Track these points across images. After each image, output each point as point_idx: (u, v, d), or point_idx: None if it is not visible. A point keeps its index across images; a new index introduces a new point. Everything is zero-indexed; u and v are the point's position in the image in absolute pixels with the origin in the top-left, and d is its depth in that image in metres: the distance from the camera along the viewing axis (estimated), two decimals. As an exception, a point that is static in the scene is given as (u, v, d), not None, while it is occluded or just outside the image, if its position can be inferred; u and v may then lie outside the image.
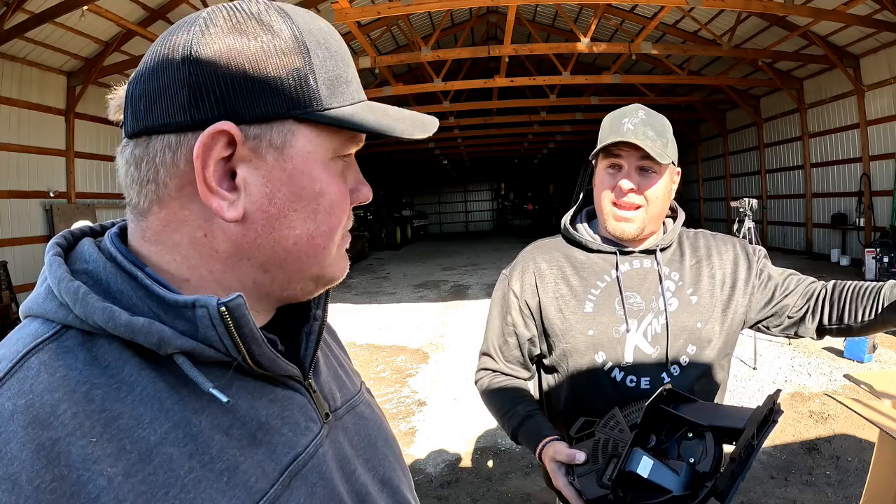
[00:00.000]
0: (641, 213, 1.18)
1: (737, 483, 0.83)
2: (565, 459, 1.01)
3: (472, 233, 30.25)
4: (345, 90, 0.50)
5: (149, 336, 0.43)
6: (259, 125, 0.46)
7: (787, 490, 3.00)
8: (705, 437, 0.90)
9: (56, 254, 0.49)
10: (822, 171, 11.95)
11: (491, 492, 3.20)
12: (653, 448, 0.91)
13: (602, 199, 1.21)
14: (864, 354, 4.97)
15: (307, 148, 0.48)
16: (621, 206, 1.18)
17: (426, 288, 11.00)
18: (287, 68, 0.47)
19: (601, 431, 1.00)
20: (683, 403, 0.97)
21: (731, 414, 0.94)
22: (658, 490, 0.85)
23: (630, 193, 1.16)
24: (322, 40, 0.49)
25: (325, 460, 0.54)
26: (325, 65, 0.49)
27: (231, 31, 0.46)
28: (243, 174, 0.47)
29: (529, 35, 12.24)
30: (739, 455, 0.85)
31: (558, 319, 1.24)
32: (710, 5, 7.91)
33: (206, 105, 0.45)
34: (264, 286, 0.52)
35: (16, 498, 0.36)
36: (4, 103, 7.96)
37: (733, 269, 1.26)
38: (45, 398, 0.40)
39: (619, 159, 1.17)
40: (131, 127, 0.47)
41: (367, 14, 8.14)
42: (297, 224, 0.49)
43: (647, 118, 1.17)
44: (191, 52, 0.45)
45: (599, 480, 0.92)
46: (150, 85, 0.46)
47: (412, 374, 5.48)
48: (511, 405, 1.25)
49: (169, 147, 0.46)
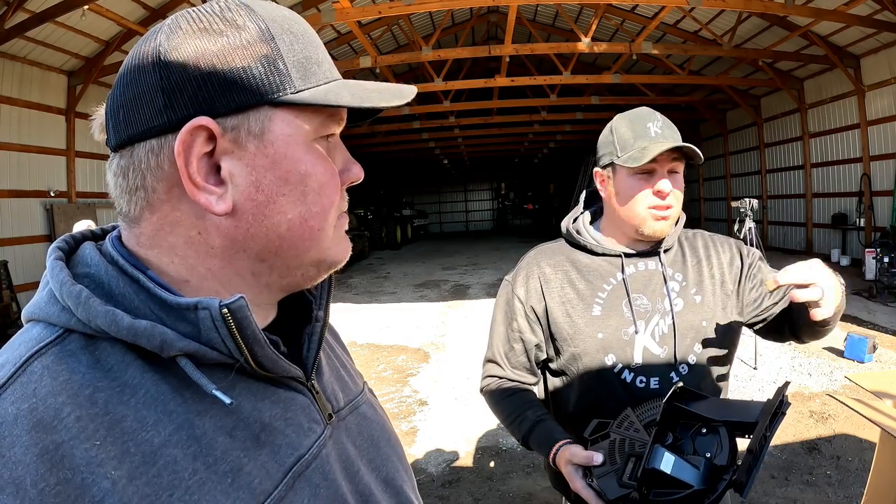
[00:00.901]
0: (673, 212, 1.20)
1: (753, 474, 0.85)
2: (583, 462, 1.01)
3: (473, 232, 30.24)
4: (316, 70, 0.51)
5: (151, 339, 0.44)
6: (235, 116, 0.47)
7: (788, 490, 3.00)
8: (719, 431, 0.92)
9: (58, 258, 0.49)
10: (822, 171, 11.95)
11: (492, 491, 3.20)
12: (670, 445, 0.92)
13: (636, 205, 1.20)
14: (865, 355, 4.97)
15: (286, 131, 0.49)
16: (659, 207, 1.19)
17: (426, 287, 11.00)
18: (255, 57, 0.47)
19: (616, 432, 1.01)
20: (694, 400, 0.98)
21: (741, 408, 0.96)
22: (679, 485, 0.87)
23: (668, 195, 1.18)
24: (286, 26, 0.50)
25: (329, 461, 0.54)
26: (292, 48, 0.49)
27: (196, 31, 0.47)
28: (228, 166, 0.48)
29: (530, 35, 12.24)
30: (755, 447, 0.86)
31: (566, 324, 1.24)
32: (711, 5, 7.91)
33: (181, 104, 0.46)
34: (263, 276, 0.52)
35: (20, 501, 0.36)
36: (5, 103, 7.97)
37: (729, 270, 1.29)
38: (48, 402, 0.40)
39: (654, 164, 1.17)
40: (114, 139, 0.48)
41: (368, 14, 8.14)
42: (287, 208, 0.50)
43: (665, 120, 1.19)
44: (159, 57, 0.46)
45: (620, 480, 0.93)
46: (127, 96, 0.47)
47: (413, 374, 5.48)
48: (520, 411, 1.26)
49: (152, 151, 0.47)
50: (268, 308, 0.56)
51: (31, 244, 8.41)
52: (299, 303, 0.60)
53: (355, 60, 10.27)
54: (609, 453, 0.99)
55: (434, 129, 17.25)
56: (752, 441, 0.87)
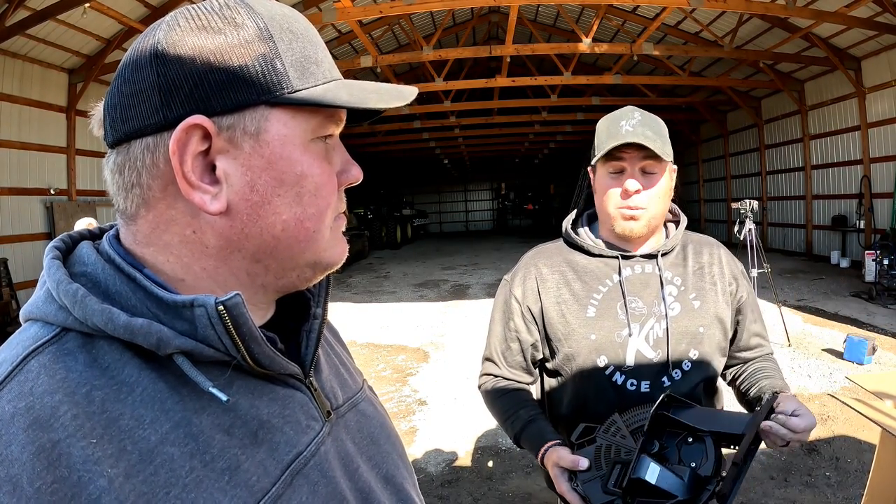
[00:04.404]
0: (647, 212, 1.19)
1: (736, 486, 0.86)
2: (569, 466, 1.02)
3: (472, 232, 30.23)
4: (315, 70, 0.50)
5: (148, 336, 0.43)
6: (231, 115, 0.47)
7: (787, 491, 3.00)
8: (704, 441, 0.92)
9: (55, 257, 0.49)
10: (822, 172, 11.95)
11: (492, 491, 3.20)
12: (656, 453, 0.93)
13: (607, 203, 1.21)
14: (864, 356, 4.97)
15: (283, 131, 0.48)
16: (626, 207, 1.19)
17: (426, 287, 11.00)
18: (252, 56, 0.47)
19: (602, 437, 1.01)
20: (682, 409, 0.99)
21: (728, 419, 0.97)
22: (663, 495, 0.87)
23: (636, 194, 1.17)
24: (286, 24, 0.50)
25: (328, 458, 0.54)
26: (291, 47, 0.49)
27: (194, 29, 0.47)
28: (223, 166, 0.47)
29: (531, 35, 12.24)
30: (740, 460, 0.87)
31: (560, 324, 1.25)
32: (712, 6, 7.91)
33: (177, 103, 0.45)
34: (259, 277, 0.52)
35: (17, 500, 0.36)
36: (6, 100, 7.96)
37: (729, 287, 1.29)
38: (45, 400, 0.40)
39: (622, 162, 1.18)
40: (111, 136, 0.48)
41: (370, 13, 8.15)
42: (282, 209, 0.49)
43: (644, 119, 1.18)
44: (157, 55, 0.46)
45: (604, 486, 0.94)
46: (124, 92, 0.47)
47: (413, 374, 5.48)
48: (514, 409, 1.26)
49: (147, 149, 0.47)
50: (265, 307, 0.56)
51: (31, 242, 8.41)
52: (298, 300, 0.60)
53: (356, 60, 10.28)
54: (595, 459, 0.99)
55: (434, 128, 17.25)
56: (738, 453, 0.88)
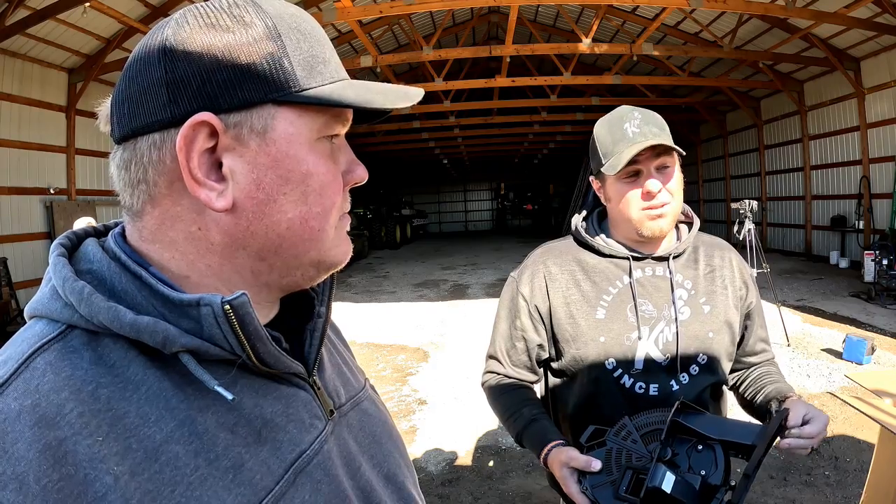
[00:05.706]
0: (671, 206, 1.18)
1: (743, 496, 0.88)
2: (582, 466, 1.00)
3: (472, 232, 30.23)
4: (323, 69, 0.51)
5: (153, 335, 0.44)
6: (238, 113, 0.47)
7: (787, 490, 3.01)
8: (714, 449, 0.93)
9: (60, 254, 0.49)
10: (821, 173, 11.95)
11: (492, 490, 3.20)
12: (668, 460, 0.93)
13: (628, 208, 1.19)
14: (863, 356, 4.97)
15: (289, 130, 0.49)
16: (651, 207, 1.17)
17: (426, 287, 11.00)
18: (260, 54, 0.47)
19: (613, 441, 1.00)
20: (693, 415, 0.98)
21: (739, 428, 0.97)
22: (674, 503, 0.88)
23: (658, 193, 1.16)
24: (294, 24, 0.50)
25: (330, 457, 0.54)
26: (299, 47, 0.49)
27: (203, 27, 0.47)
28: (229, 163, 0.48)
29: (531, 35, 12.23)
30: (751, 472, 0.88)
31: (569, 325, 1.23)
32: (712, 7, 7.91)
33: (185, 99, 0.46)
34: (263, 275, 0.52)
35: (23, 497, 0.36)
36: (5, 99, 7.95)
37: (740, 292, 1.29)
38: (51, 398, 0.40)
39: (637, 165, 1.16)
40: (118, 132, 0.48)
41: (369, 13, 8.15)
42: (287, 208, 0.49)
43: (645, 116, 1.17)
44: (165, 52, 0.46)
45: (616, 492, 0.93)
46: (132, 89, 0.47)
47: (413, 373, 5.48)
48: (516, 408, 1.25)
49: (154, 145, 0.47)
50: (269, 305, 0.56)
51: (30, 241, 8.39)
52: (301, 299, 0.60)
53: (356, 59, 10.27)
54: (605, 462, 0.98)
55: (434, 128, 17.25)
56: (749, 465, 0.88)
